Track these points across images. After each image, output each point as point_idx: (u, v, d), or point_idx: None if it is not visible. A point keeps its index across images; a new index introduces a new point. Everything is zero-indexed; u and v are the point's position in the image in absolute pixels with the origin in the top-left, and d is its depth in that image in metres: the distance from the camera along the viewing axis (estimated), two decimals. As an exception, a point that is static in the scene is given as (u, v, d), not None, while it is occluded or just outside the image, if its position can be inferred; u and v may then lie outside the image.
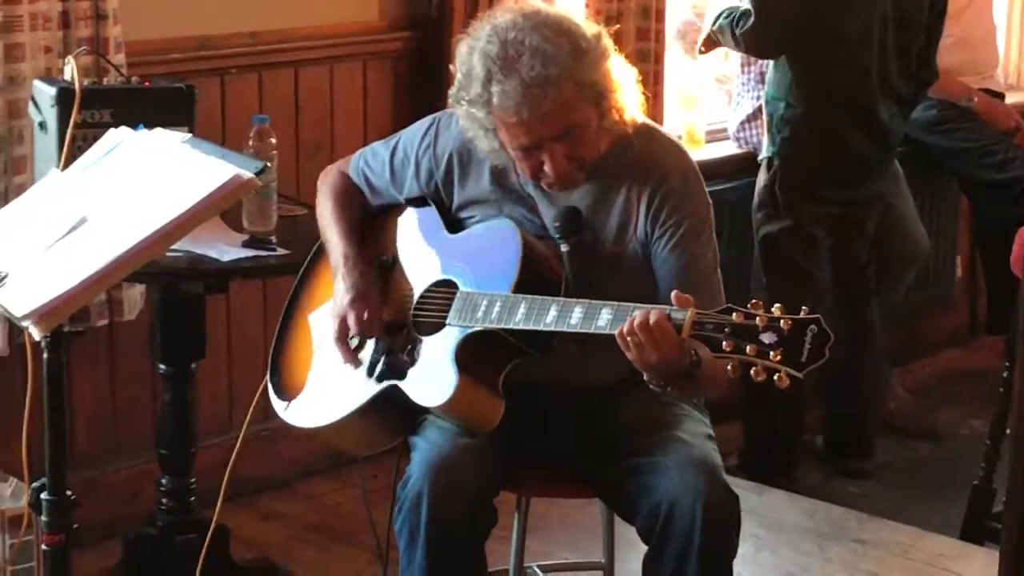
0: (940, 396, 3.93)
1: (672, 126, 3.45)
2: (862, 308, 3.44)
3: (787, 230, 3.26)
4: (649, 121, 2.07)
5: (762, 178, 3.32)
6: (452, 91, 1.97)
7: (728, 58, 3.92)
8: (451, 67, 1.99)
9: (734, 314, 1.66)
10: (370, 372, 2.02)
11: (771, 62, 3.34)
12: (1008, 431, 2.52)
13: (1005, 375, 2.75)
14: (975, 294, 4.28)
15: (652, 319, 1.72)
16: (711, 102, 3.98)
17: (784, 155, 3.28)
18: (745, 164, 3.49)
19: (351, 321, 2.01)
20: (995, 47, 4.17)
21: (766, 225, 3.28)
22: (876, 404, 3.58)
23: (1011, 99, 3.92)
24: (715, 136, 3.74)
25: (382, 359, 2.01)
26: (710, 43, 3.37)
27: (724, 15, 3.24)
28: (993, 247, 3.63)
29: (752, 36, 3.20)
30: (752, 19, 3.14)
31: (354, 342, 2.03)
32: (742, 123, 3.62)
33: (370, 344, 2.04)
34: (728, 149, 3.64)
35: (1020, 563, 2.42)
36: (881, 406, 3.61)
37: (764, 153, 3.35)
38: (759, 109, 3.45)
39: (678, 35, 3.82)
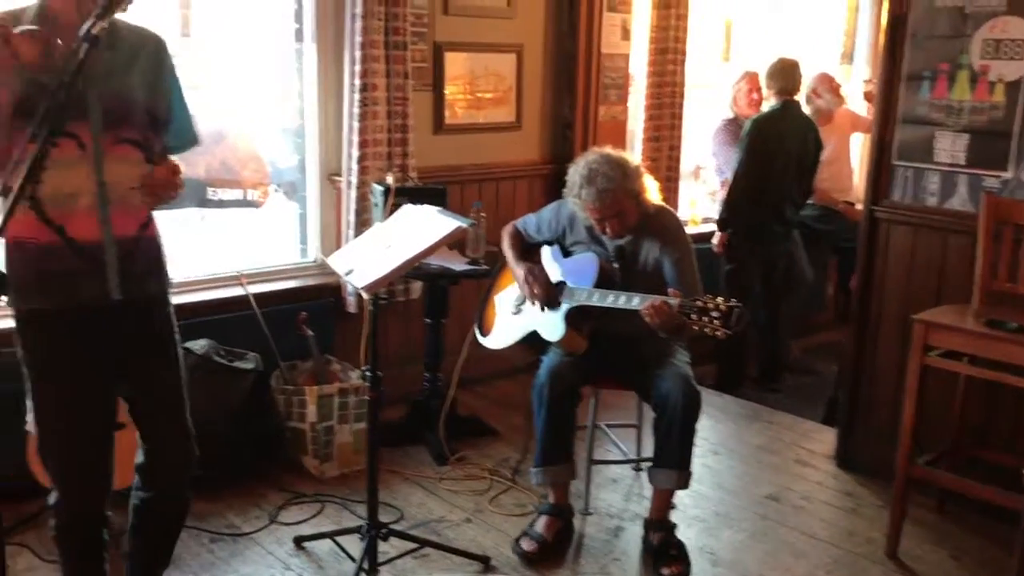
0: (817, 354, 5.43)
1: (684, 215, 5.12)
2: (776, 308, 4.90)
3: (738, 268, 4.84)
4: (663, 204, 3.24)
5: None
6: (565, 189, 3.19)
7: (711, 182, 5.69)
8: (566, 178, 3.19)
9: (698, 302, 2.68)
10: (520, 316, 3.26)
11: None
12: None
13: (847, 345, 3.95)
14: (838, 303, 5.70)
15: (658, 303, 2.78)
16: (704, 204, 5.73)
17: (733, 230, 4.79)
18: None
19: (532, 281, 3.19)
20: (851, 178, 5.74)
21: (728, 265, 4.84)
22: (784, 356, 5.09)
23: (858, 207, 5.00)
24: (707, 221, 5.48)
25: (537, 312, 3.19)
26: (721, 227, 4.85)
27: (723, 213, 4.82)
28: (846, 280, 5.16)
29: (736, 194, 4.73)
30: (736, 191, 4.67)
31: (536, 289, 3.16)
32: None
33: (526, 306, 3.27)
34: (712, 227, 5.04)
35: (847, 437, 3.74)
36: (787, 356, 5.11)
37: (729, 230, 4.82)
38: None
39: (692, 174, 5.60)
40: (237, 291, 3.79)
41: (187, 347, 3.49)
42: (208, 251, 4.07)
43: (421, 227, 2.80)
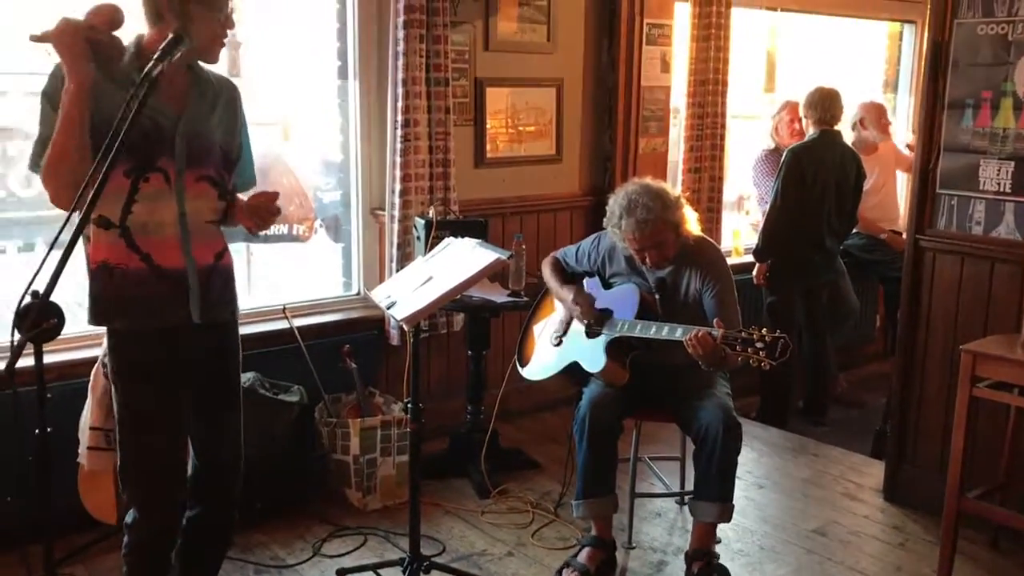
0: (865, 386, 5.35)
1: (727, 245, 5.23)
2: (821, 339, 4.84)
3: (780, 299, 4.79)
4: (703, 235, 3.26)
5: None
6: (605, 220, 3.21)
7: (753, 213, 5.68)
8: (607, 208, 3.19)
9: (743, 332, 2.73)
10: (560, 347, 3.28)
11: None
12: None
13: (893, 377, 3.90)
14: (885, 334, 5.59)
15: (701, 335, 2.82)
16: (747, 235, 5.63)
17: (772, 261, 4.79)
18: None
19: (577, 311, 3.22)
20: (897, 208, 5.63)
21: (770, 296, 4.80)
22: (830, 388, 5.02)
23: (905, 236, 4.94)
24: (749, 251, 5.21)
25: (590, 331, 3.17)
26: (757, 258, 4.85)
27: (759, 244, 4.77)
28: (893, 310, 5.02)
29: (775, 216, 4.69)
30: (771, 214, 4.66)
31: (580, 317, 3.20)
32: None
33: (567, 337, 3.25)
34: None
35: (896, 470, 3.66)
36: (833, 389, 5.04)
37: (768, 261, 4.81)
38: None
39: (733, 204, 5.57)
40: (282, 324, 3.84)
41: (233, 380, 3.55)
42: (254, 285, 4.13)
43: (461, 260, 2.85)
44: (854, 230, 5.13)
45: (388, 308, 2.87)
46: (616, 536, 3.34)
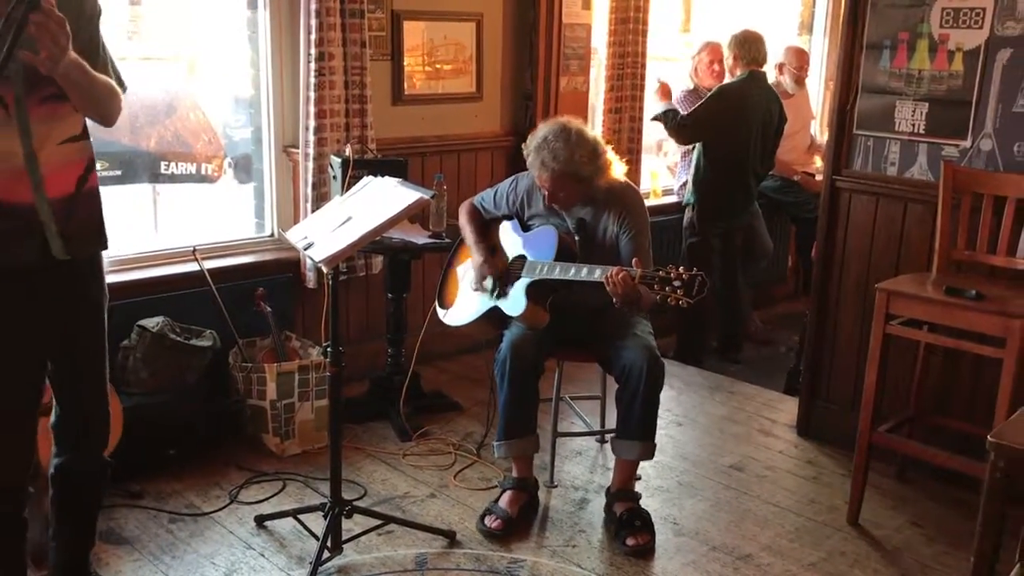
0: (777, 325, 5.48)
1: (645, 187, 5.18)
2: (733, 280, 4.95)
3: (699, 241, 4.83)
4: (627, 180, 3.27)
5: (687, 214, 4.88)
6: (525, 152, 3.18)
7: (671, 155, 5.70)
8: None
9: (660, 271, 2.71)
10: (489, 296, 3.20)
11: (695, 156, 4.77)
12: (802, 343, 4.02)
13: (807, 315, 4.04)
14: (797, 274, 5.82)
15: (620, 274, 2.79)
16: (665, 177, 5.69)
17: (697, 202, 4.82)
18: (679, 207, 5.11)
19: (486, 271, 3.23)
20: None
21: (689, 238, 4.86)
22: (744, 327, 5.15)
23: (818, 178, 5.03)
24: (667, 193, 5.54)
25: (496, 291, 3.19)
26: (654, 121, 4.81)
27: (668, 114, 4.68)
28: (805, 250, 5.26)
29: (675, 133, 4.74)
30: (678, 123, 4.62)
31: (488, 283, 3.21)
32: (680, 187, 5.29)
33: (487, 282, 3.21)
34: (672, 199, 5.42)
35: (809, 406, 3.78)
36: (747, 328, 5.17)
37: (687, 201, 4.90)
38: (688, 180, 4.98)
39: (653, 148, 5.55)
40: (192, 267, 3.71)
41: (141, 324, 3.44)
42: (162, 226, 3.98)
43: (382, 199, 2.77)
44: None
45: (305, 249, 2.77)
46: (538, 475, 3.36)
